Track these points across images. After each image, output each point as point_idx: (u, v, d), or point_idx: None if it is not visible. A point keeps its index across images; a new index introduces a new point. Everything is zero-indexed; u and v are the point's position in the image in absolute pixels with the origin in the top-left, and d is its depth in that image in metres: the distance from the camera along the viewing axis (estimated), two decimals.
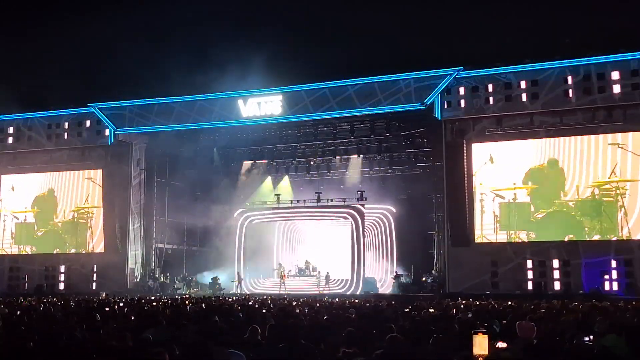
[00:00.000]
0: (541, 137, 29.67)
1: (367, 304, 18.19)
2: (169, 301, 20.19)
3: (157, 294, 30.72)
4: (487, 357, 6.03)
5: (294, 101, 33.03)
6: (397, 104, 31.11)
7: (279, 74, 33.38)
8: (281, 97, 33.15)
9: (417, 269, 33.13)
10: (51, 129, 37.83)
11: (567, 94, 28.83)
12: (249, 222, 36.51)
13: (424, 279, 32.47)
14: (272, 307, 16.36)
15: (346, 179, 36.99)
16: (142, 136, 36.99)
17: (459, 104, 30.62)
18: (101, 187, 36.89)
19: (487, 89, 30.15)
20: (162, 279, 36.06)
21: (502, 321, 11.37)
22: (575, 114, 29.11)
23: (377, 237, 36.20)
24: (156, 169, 37.59)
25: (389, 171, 35.84)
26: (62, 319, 11.71)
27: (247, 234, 36.38)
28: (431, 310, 14.54)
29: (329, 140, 35.81)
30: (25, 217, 38.70)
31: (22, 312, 14.11)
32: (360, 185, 35.83)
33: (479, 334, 6.05)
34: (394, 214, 34.99)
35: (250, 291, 33.56)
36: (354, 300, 22.89)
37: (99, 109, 36.21)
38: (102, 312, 13.02)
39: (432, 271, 32.43)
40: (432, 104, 30.44)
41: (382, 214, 35.61)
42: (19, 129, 38.62)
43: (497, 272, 29.82)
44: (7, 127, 38.89)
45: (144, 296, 26.31)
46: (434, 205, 32.55)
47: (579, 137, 29.03)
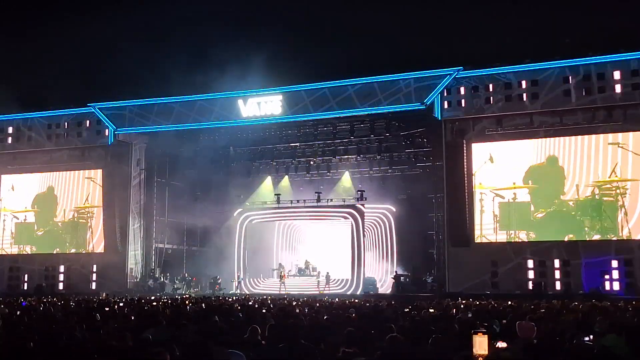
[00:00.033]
0: (541, 137, 29.67)
1: (367, 304, 18.19)
2: (169, 301, 20.19)
3: (157, 294, 30.72)
4: (487, 357, 6.02)
5: (294, 101, 33.03)
6: (397, 104, 31.11)
7: (279, 74, 33.43)
8: (281, 97, 33.15)
9: (417, 269, 33.11)
10: (51, 129, 37.84)
11: (567, 94, 28.82)
12: (248, 222, 36.52)
13: (424, 279, 32.46)
14: (272, 307, 16.36)
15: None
16: (142, 136, 37.00)
17: (459, 104, 30.63)
18: (101, 187, 36.91)
19: (487, 89, 30.15)
20: (162, 279, 36.07)
21: (502, 321, 11.37)
22: (575, 114, 29.11)
23: (377, 237, 36.20)
24: (156, 169, 37.59)
25: (389, 171, 35.81)
26: (62, 319, 11.71)
27: (247, 234, 36.40)
28: (431, 310, 14.54)
29: (329, 140, 35.80)
30: (25, 216, 38.71)
31: (22, 312, 14.10)
32: (360, 185, 35.86)
33: (479, 334, 6.05)
34: (394, 213, 34.99)
35: (250, 291, 33.56)
36: (354, 300, 22.89)
37: (99, 109, 36.21)
38: (102, 312, 13.02)
39: (432, 271, 32.42)
40: (432, 104, 30.44)
41: (382, 214, 35.60)
42: (19, 129, 38.63)
43: (497, 272, 29.82)
44: (7, 127, 38.90)
45: (144, 296, 26.32)
46: (434, 205, 32.53)
47: (579, 137, 29.03)
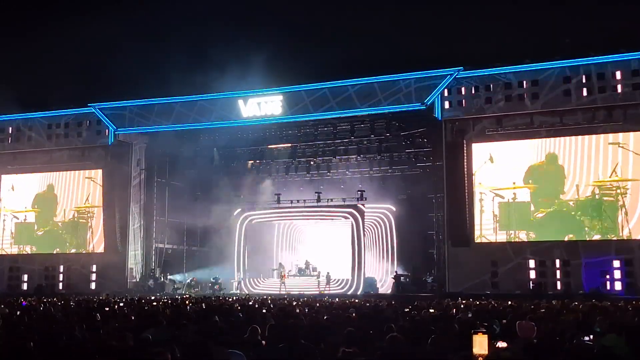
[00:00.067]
0: (541, 137, 29.67)
1: (367, 304, 18.19)
2: (169, 301, 20.20)
3: (157, 294, 30.72)
4: (487, 357, 6.02)
5: (294, 101, 33.03)
6: (397, 104, 31.11)
7: (279, 74, 33.42)
8: (281, 97, 33.16)
9: (417, 269, 33.10)
10: (51, 129, 37.85)
11: (567, 94, 28.82)
12: (248, 221, 36.52)
13: (424, 279, 32.45)
14: (272, 307, 16.36)
15: (346, 179, 36.94)
16: (142, 136, 37.00)
17: (459, 104, 30.63)
18: (101, 187, 36.91)
19: (487, 89, 30.15)
20: (162, 279, 36.07)
21: (502, 321, 11.37)
22: (575, 113, 29.11)
23: (377, 237, 36.20)
24: (156, 169, 37.59)
25: (389, 171, 35.79)
26: (62, 319, 11.71)
27: (247, 233, 36.41)
28: (431, 310, 14.54)
29: (329, 140, 35.79)
30: (25, 216, 38.71)
31: (22, 312, 14.11)
32: (360, 185, 35.86)
33: (479, 333, 6.05)
34: (394, 213, 34.97)
35: (250, 291, 33.55)
36: (354, 300, 22.90)
37: (99, 109, 36.21)
38: (102, 312, 13.02)
39: (432, 271, 32.42)
40: (432, 104, 30.44)
41: (382, 214, 35.59)
42: (19, 129, 38.63)
43: (497, 272, 29.82)
44: (7, 127, 38.91)
45: (144, 296, 26.32)
46: (434, 205, 32.53)
47: (579, 137, 29.03)
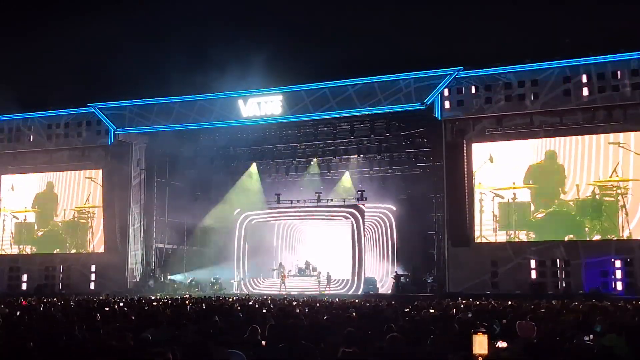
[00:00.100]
0: (541, 137, 29.67)
1: (367, 304, 18.20)
2: (169, 301, 20.20)
3: (157, 294, 30.71)
4: (487, 357, 6.03)
5: (294, 101, 33.03)
6: (397, 104, 31.10)
7: (279, 74, 33.40)
8: (281, 97, 33.15)
9: (417, 269, 33.11)
10: (51, 129, 37.85)
11: (567, 94, 28.81)
12: (248, 221, 36.51)
13: (424, 279, 32.45)
14: (272, 307, 16.36)
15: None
16: (142, 136, 37.00)
17: (459, 104, 30.61)
18: (101, 187, 36.91)
19: (487, 89, 30.14)
20: (162, 279, 36.06)
21: (502, 321, 11.37)
22: (575, 113, 29.11)
23: (377, 237, 36.18)
24: (156, 169, 37.58)
25: (389, 171, 35.80)
26: (62, 319, 11.71)
27: (247, 233, 36.39)
28: (431, 310, 14.55)
29: (329, 140, 35.79)
30: (25, 217, 38.71)
31: (22, 312, 14.11)
32: (360, 185, 35.87)
33: (479, 333, 6.05)
34: (394, 212, 34.95)
35: (250, 291, 33.54)
36: (354, 300, 22.90)
37: (99, 109, 36.21)
38: (102, 312, 13.02)
39: (432, 271, 32.41)
40: (432, 103, 30.43)
41: (382, 214, 35.57)
42: (19, 129, 38.63)
43: (497, 272, 29.82)
44: (7, 127, 38.90)
45: (144, 296, 26.32)
46: (434, 205, 32.53)
47: (579, 136, 29.03)
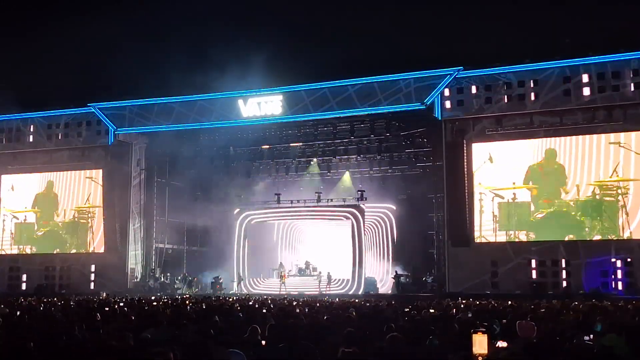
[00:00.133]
0: (541, 137, 29.66)
1: (367, 304, 18.20)
2: (170, 301, 20.19)
3: (158, 294, 30.71)
4: (487, 356, 6.03)
5: (294, 101, 33.03)
6: (397, 104, 31.10)
7: (279, 74, 33.41)
8: (281, 97, 33.15)
9: (417, 269, 33.10)
10: (51, 129, 37.86)
11: (567, 94, 28.81)
12: (248, 221, 36.51)
13: (424, 279, 32.45)
14: (272, 307, 16.36)
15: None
16: (142, 136, 37.00)
17: (459, 104, 30.61)
18: (101, 187, 36.91)
19: (487, 89, 30.13)
20: (162, 279, 36.06)
21: (502, 321, 11.37)
22: (575, 113, 29.10)
23: (377, 237, 36.20)
24: (156, 169, 37.58)
25: (389, 171, 35.81)
26: (62, 319, 11.70)
27: (247, 233, 36.38)
28: (431, 310, 14.55)
29: (329, 140, 35.81)
30: (25, 217, 38.71)
31: (22, 312, 14.11)
32: (360, 185, 35.88)
33: (479, 333, 6.05)
34: (394, 212, 34.95)
35: (250, 291, 33.54)
36: (354, 300, 22.90)
37: (99, 109, 36.21)
38: (102, 312, 13.02)
39: (432, 271, 32.42)
40: (432, 103, 30.43)
41: (382, 213, 35.58)
42: (19, 129, 38.63)
43: (497, 272, 29.81)
44: (7, 127, 38.90)
45: (144, 296, 26.31)
46: (434, 205, 32.52)
47: (579, 136, 29.02)
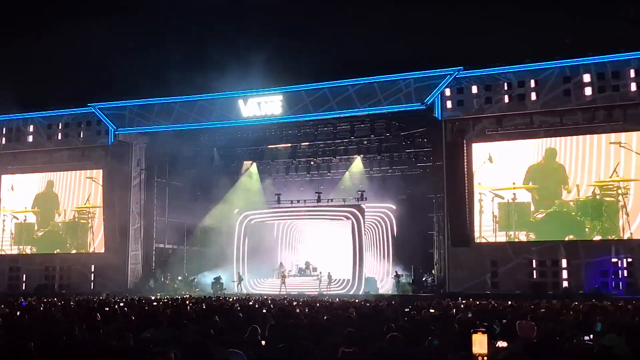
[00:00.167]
0: (541, 137, 29.66)
1: (367, 304, 18.20)
2: (170, 301, 20.19)
3: (158, 294, 30.71)
4: (487, 356, 6.02)
5: (294, 101, 33.04)
6: (397, 104, 31.11)
7: (279, 74, 33.40)
8: (281, 97, 33.16)
9: (417, 269, 33.10)
10: (51, 129, 37.86)
11: (567, 94, 28.80)
12: (248, 221, 36.51)
13: (424, 279, 32.46)
14: (272, 307, 16.37)
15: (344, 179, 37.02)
16: (142, 136, 37.00)
17: (459, 104, 30.60)
18: (102, 187, 36.91)
19: (487, 89, 30.13)
20: (162, 279, 36.06)
21: (502, 321, 11.37)
22: (575, 113, 29.10)
23: (377, 237, 36.19)
24: (156, 169, 37.58)
25: (389, 171, 35.84)
26: (62, 319, 11.70)
27: (247, 233, 36.39)
28: (431, 310, 14.55)
29: (329, 140, 35.82)
30: (25, 217, 38.70)
31: (22, 312, 14.11)
32: (360, 185, 35.87)
33: (479, 332, 6.04)
34: (395, 211, 34.95)
35: (250, 291, 33.53)
36: (354, 300, 22.90)
37: (99, 109, 36.22)
38: (102, 312, 13.02)
39: (432, 271, 32.42)
40: (432, 103, 30.43)
41: (382, 213, 35.56)
42: (19, 129, 38.63)
43: (497, 272, 29.81)
44: (7, 127, 38.90)
45: (144, 296, 26.30)
46: (434, 205, 32.53)
47: (579, 136, 29.01)
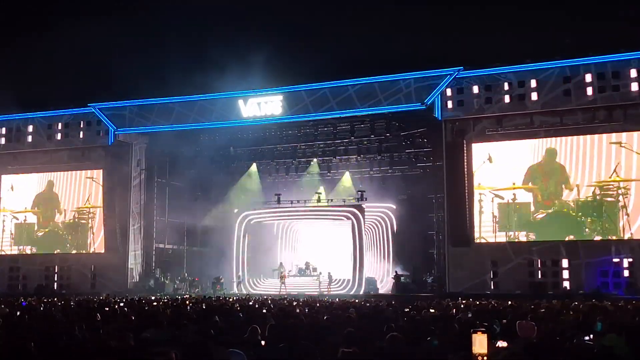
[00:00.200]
0: (541, 137, 29.66)
1: (367, 304, 18.20)
2: (170, 301, 20.18)
3: (158, 294, 30.71)
4: (487, 356, 6.02)
5: (294, 101, 33.04)
6: (397, 104, 31.11)
7: (279, 74, 33.45)
8: (281, 97, 33.16)
9: (417, 269, 33.12)
10: (51, 129, 37.86)
11: (567, 94, 28.80)
12: (248, 221, 36.50)
13: (424, 279, 32.46)
14: (272, 307, 16.36)
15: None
16: (142, 136, 37.01)
17: (459, 104, 30.60)
18: (102, 187, 36.91)
19: (487, 89, 30.13)
20: (162, 279, 36.07)
21: (503, 321, 11.37)
22: (575, 114, 29.09)
23: (377, 237, 36.17)
24: (156, 169, 37.59)
25: (389, 171, 35.84)
26: (62, 319, 11.70)
27: (246, 233, 36.37)
28: (431, 310, 14.55)
29: (329, 140, 35.84)
30: (25, 217, 38.70)
31: (22, 312, 14.11)
32: (360, 185, 35.88)
33: (478, 332, 6.04)
34: (395, 211, 34.94)
35: (250, 291, 33.52)
36: (354, 300, 22.90)
37: (99, 109, 36.22)
38: (103, 312, 13.02)
39: (432, 271, 32.42)
40: (432, 104, 30.43)
41: (382, 213, 35.55)
42: (19, 129, 38.63)
43: (497, 272, 29.82)
44: (7, 127, 38.90)
45: (144, 296, 26.30)
46: (434, 205, 32.54)
47: (579, 136, 29.01)
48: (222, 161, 37.98)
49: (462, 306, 17.52)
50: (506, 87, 29.86)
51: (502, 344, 7.51)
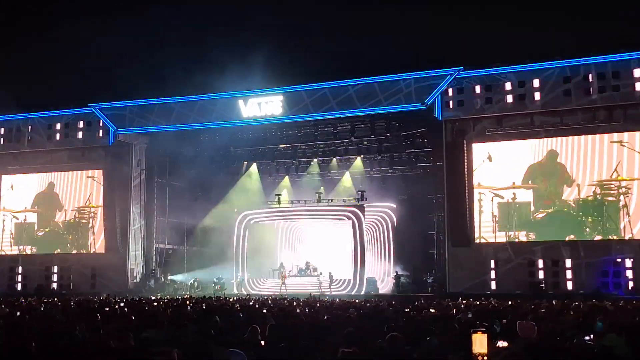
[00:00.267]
0: (541, 137, 29.66)
1: (367, 304, 18.20)
2: (170, 301, 20.18)
3: (158, 294, 30.71)
4: (487, 356, 6.02)
5: (295, 101, 33.04)
6: (397, 104, 31.10)
7: (279, 74, 33.48)
8: (281, 97, 33.15)
9: (417, 269, 33.11)
10: (51, 129, 37.86)
11: (567, 94, 28.80)
12: (248, 221, 36.48)
13: (424, 279, 32.45)
14: (272, 307, 16.36)
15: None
16: (143, 136, 37.01)
17: (460, 104, 30.60)
18: (102, 187, 36.91)
19: (487, 89, 30.13)
20: (162, 279, 36.06)
21: (503, 321, 11.37)
22: (575, 113, 29.09)
23: (377, 237, 36.15)
24: (156, 169, 37.59)
25: (389, 171, 35.84)
26: (62, 319, 11.70)
27: (247, 234, 36.37)
28: (431, 310, 14.55)
29: (329, 140, 35.83)
30: (25, 217, 38.69)
31: (22, 312, 14.11)
32: (360, 185, 35.87)
33: (479, 332, 6.04)
34: (395, 210, 34.93)
35: (250, 291, 33.51)
36: (354, 300, 22.90)
37: (99, 109, 36.22)
38: (103, 312, 13.02)
39: (432, 271, 32.41)
40: (433, 104, 30.42)
41: (383, 213, 35.53)
42: (19, 129, 38.63)
43: (497, 272, 29.81)
44: (7, 127, 38.89)
45: (144, 296, 26.30)
46: (434, 205, 32.53)
47: (580, 136, 29.00)
48: (222, 161, 37.98)
49: (462, 306, 17.53)
50: (506, 87, 29.86)
51: (502, 344, 7.51)
